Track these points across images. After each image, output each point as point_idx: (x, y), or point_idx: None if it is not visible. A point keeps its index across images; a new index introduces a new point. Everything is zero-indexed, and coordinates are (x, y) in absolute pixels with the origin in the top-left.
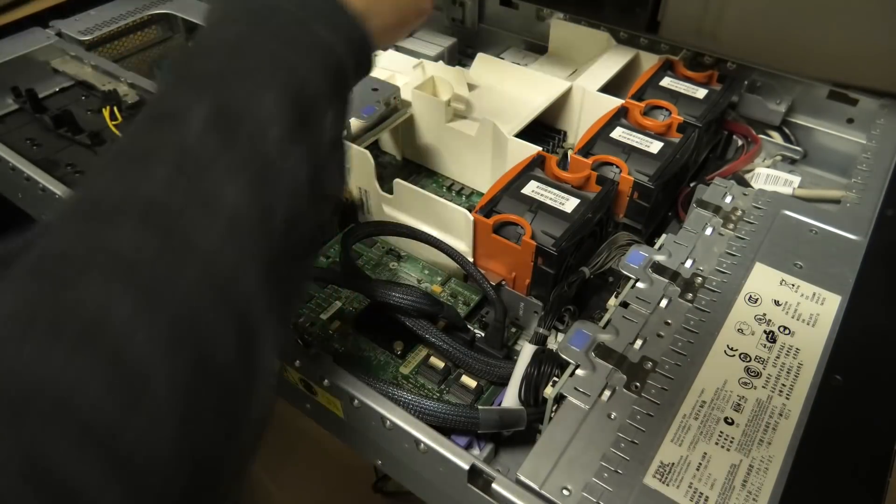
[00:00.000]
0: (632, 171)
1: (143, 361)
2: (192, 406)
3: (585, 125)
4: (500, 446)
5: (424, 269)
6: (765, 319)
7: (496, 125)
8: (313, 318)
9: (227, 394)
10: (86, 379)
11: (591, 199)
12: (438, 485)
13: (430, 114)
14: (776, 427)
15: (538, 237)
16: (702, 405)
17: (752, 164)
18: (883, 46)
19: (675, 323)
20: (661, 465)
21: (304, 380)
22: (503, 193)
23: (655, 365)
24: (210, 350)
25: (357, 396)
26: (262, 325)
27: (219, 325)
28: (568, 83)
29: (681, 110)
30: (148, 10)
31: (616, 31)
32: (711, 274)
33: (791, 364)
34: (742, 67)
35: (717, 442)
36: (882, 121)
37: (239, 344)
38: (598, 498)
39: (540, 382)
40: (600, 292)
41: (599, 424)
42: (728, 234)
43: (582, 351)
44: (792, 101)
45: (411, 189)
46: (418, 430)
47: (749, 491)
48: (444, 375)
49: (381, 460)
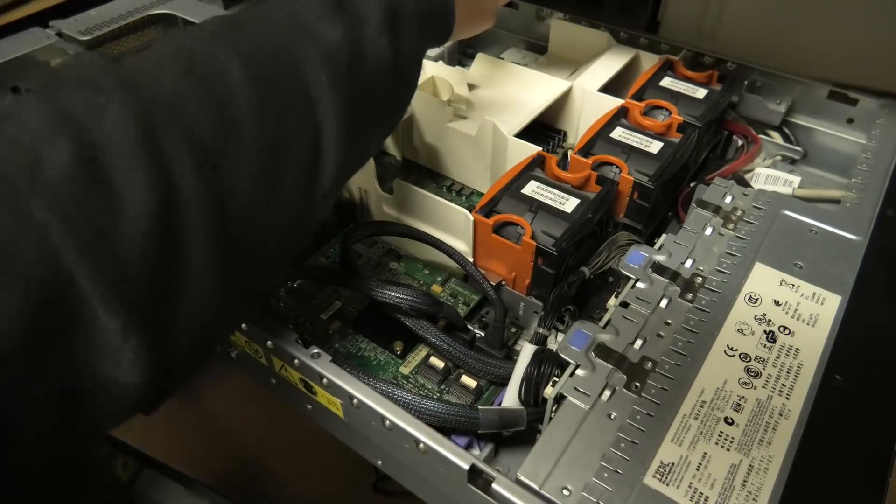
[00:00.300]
0: (632, 171)
1: (241, 115)
2: (267, 166)
3: (585, 125)
4: (500, 446)
5: (424, 269)
6: (765, 319)
7: (496, 125)
8: (313, 318)
9: (296, 173)
10: (196, 102)
11: (591, 199)
12: (438, 485)
13: (430, 114)
14: (776, 427)
15: (538, 237)
16: (702, 405)
17: (752, 164)
18: (883, 46)
19: (675, 323)
20: (661, 465)
21: (304, 380)
22: (503, 193)
23: (655, 365)
24: (287, 137)
25: (357, 396)
26: (330, 143)
27: (298, 123)
28: (568, 83)
29: (681, 110)
30: (148, 10)
31: (616, 31)
32: (711, 274)
33: (791, 364)
34: (742, 67)
35: (717, 442)
36: (882, 121)
37: (311, 145)
38: (598, 498)
39: (540, 382)
40: (600, 292)
41: (599, 424)
42: (728, 234)
43: (582, 351)
44: (792, 101)
45: (411, 189)
46: (418, 430)
47: (749, 491)
48: (444, 375)
49: (381, 460)
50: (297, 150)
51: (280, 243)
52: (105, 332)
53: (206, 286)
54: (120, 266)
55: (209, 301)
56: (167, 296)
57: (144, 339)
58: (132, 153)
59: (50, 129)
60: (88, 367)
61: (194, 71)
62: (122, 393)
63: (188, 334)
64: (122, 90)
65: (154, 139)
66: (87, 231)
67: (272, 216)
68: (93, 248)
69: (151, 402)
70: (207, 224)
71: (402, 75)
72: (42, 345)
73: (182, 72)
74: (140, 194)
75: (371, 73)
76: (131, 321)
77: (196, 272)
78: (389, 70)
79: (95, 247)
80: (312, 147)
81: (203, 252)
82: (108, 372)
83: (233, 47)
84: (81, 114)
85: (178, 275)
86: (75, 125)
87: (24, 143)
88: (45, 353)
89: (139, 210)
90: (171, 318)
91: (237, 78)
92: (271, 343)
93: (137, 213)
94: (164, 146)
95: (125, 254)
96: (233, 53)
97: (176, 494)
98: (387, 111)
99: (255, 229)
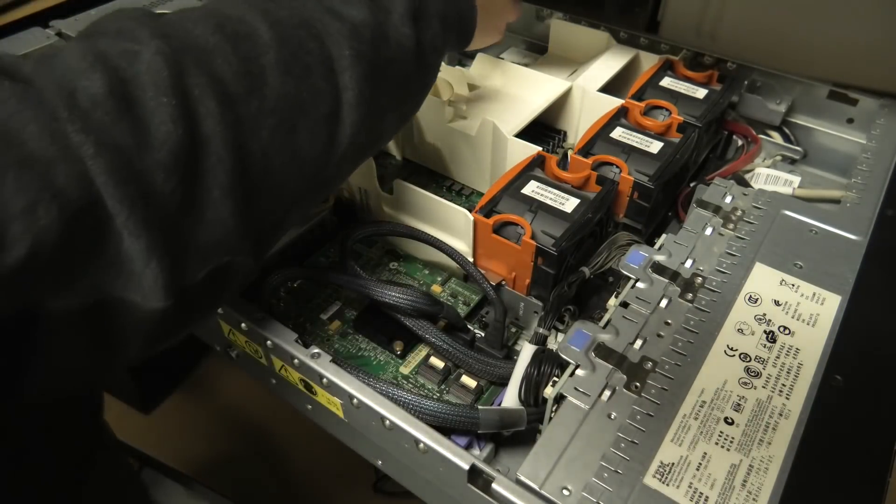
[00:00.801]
0: (632, 171)
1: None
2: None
3: (585, 125)
4: (500, 446)
5: (424, 269)
6: (765, 319)
7: (496, 125)
8: (313, 318)
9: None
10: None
11: (591, 199)
12: (438, 485)
13: (431, 114)
14: (776, 427)
15: (538, 237)
16: (702, 405)
17: (752, 164)
18: (883, 46)
19: (675, 323)
20: (661, 465)
21: (304, 380)
22: (503, 193)
23: (655, 365)
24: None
25: (357, 396)
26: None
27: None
28: (568, 83)
29: (681, 110)
30: None
31: (616, 31)
32: (711, 274)
33: (791, 364)
34: (742, 67)
35: (717, 442)
36: (882, 121)
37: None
38: (598, 498)
39: (540, 382)
40: (600, 292)
41: (599, 424)
42: (728, 234)
43: (582, 351)
44: (792, 101)
45: (411, 189)
46: (418, 430)
47: (749, 491)
48: (444, 375)
49: (381, 460)
50: (315, 112)
51: (295, 197)
52: (129, 254)
53: (223, 221)
54: (143, 191)
55: (226, 236)
56: (186, 225)
57: (164, 264)
58: (161, 92)
59: (87, 67)
60: (112, 288)
61: (224, 29)
62: (143, 318)
63: (204, 264)
64: (155, 39)
65: (182, 82)
66: (115, 156)
67: (288, 168)
68: (119, 172)
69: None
70: (227, 162)
71: (422, 64)
72: (72, 259)
73: (213, 28)
74: (165, 128)
75: (392, 55)
76: (152, 244)
77: (214, 206)
78: (410, 56)
79: (122, 171)
80: (331, 113)
81: (222, 188)
82: (131, 296)
83: (263, 16)
84: (116, 56)
85: (198, 206)
86: (110, 65)
87: (63, 76)
88: (73, 269)
89: (163, 141)
90: (191, 246)
91: (265, 40)
92: (271, 343)
93: (162, 145)
94: (191, 89)
95: (149, 181)
96: (262, 20)
97: (176, 494)
98: (405, 94)
99: (272, 176)
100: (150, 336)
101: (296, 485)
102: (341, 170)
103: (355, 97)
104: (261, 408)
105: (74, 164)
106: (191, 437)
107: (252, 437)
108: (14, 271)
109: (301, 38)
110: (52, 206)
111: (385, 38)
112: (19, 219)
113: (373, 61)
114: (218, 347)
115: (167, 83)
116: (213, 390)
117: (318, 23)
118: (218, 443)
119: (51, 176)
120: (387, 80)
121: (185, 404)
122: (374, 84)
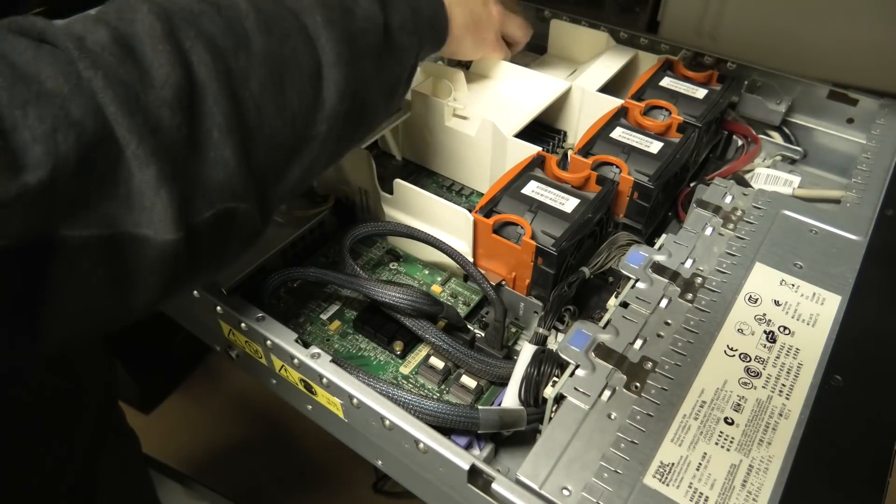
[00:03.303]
0: (632, 171)
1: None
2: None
3: (585, 125)
4: (500, 446)
5: (424, 269)
6: (765, 319)
7: (496, 125)
8: (313, 318)
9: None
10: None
11: (591, 199)
12: (438, 485)
13: (430, 114)
14: (776, 427)
15: (538, 237)
16: (702, 405)
17: (752, 164)
18: (883, 46)
19: (675, 323)
20: (661, 465)
21: (304, 380)
22: (503, 193)
23: (655, 365)
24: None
25: (357, 396)
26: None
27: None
28: (568, 83)
29: (681, 110)
30: None
31: (616, 31)
32: (711, 274)
33: (791, 364)
34: (742, 67)
35: (717, 442)
36: (882, 121)
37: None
38: (598, 498)
39: (540, 382)
40: (600, 292)
41: (599, 424)
42: (728, 234)
43: (582, 351)
44: (792, 101)
45: (411, 189)
46: (418, 430)
47: (749, 491)
48: (444, 375)
49: (381, 460)
50: (298, 71)
51: (289, 151)
52: (140, 188)
53: (225, 161)
54: (151, 124)
55: (228, 178)
56: (192, 162)
57: (173, 195)
58: (157, 42)
59: (91, 25)
60: (125, 223)
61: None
62: (156, 256)
63: (211, 204)
64: (146, 4)
65: (175, 36)
66: (123, 89)
67: (278, 120)
68: (128, 104)
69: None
70: (223, 105)
71: (395, 42)
72: (87, 188)
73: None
74: (165, 71)
75: (362, 25)
76: (161, 173)
77: (216, 146)
78: (380, 30)
79: (130, 103)
80: (313, 72)
81: (220, 131)
82: (143, 230)
83: None
84: (115, 19)
85: (201, 146)
86: (112, 25)
87: (72, 31)
88: (89, 199)
89: (164, 81)
90: (198, 183)
91: (244, 8)
92: (271, 343)
93: (163, 84)
94: (183, 41)
95: (156, 115)
96: None
97: (176, 494)
98: (384, 69)
99: (265, 127)
100: (163, 276)
101: (296, 485)
102: (332, 131)
103: (334, 57)
104: (260, 408)
105: (87, 99)
106: (191, 436)
107: (252, 437)
108: (35, 193)
109: (276, 9)
110: (69, 133)
111: (351, 11)
112: (41, 142)
113: (345, 28)
114: (218, 348)
115: (161, 36)
116: (212, 390)
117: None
118: (218, 443)
119: (67, 109)
120: (361, 48)
121: (185, 404)
122: (349, 48)
